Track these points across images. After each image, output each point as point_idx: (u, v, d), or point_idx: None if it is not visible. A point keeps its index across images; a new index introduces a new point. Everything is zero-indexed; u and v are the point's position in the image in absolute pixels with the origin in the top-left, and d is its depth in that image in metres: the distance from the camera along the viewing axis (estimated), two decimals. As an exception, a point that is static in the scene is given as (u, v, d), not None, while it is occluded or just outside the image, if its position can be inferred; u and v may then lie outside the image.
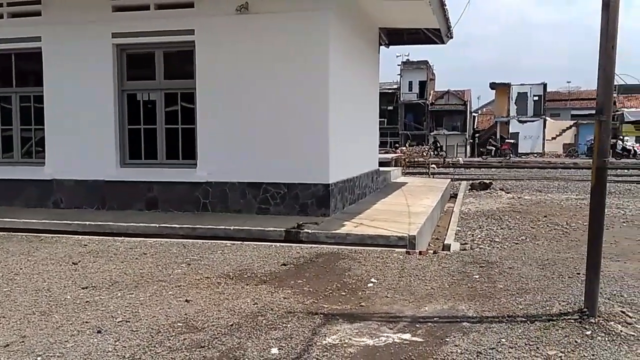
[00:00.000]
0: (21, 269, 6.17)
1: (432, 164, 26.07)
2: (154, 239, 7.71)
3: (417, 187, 14.47)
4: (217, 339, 4.08)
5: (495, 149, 43.34)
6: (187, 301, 4.95)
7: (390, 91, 57.45)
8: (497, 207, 12.46)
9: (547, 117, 53.74)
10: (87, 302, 4.95)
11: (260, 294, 5.16)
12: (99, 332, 4.21)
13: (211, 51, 9.41)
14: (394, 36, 14.53)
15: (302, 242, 7.59)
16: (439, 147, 43.15)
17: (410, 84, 59.04)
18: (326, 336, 4.11)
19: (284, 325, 4.34)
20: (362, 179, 11.56)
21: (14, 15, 10.23)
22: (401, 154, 26.35)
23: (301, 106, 9.09)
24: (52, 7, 9.97)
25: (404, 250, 7.00)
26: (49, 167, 10.21)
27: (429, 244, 8.64)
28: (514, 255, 6.94)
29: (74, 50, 9.93)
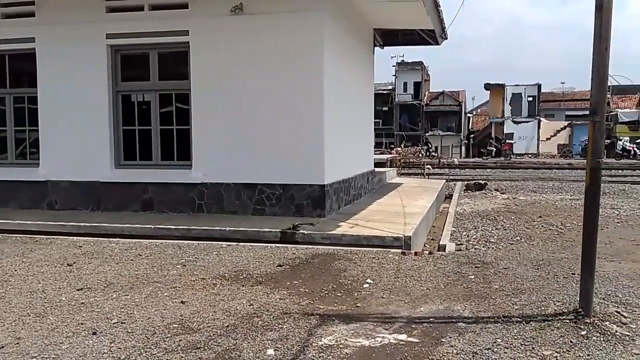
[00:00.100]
0: (16, 270, 6.15)
1: (427, 165, 26.11)
2: (149, 240, 7.69)
3: (412, 187, 14.49)
4: (212, 340, 4.07)
5: (496, 149, 43.44)
6: (182, 302, 4.94)
7: (385, 92, 57.54)
8: (492, 208, 12.50)
9: (541, 118, 53.98)
10: (82, 303, 4.93)
11: (256, 295, 5.16)
12: (94, 333, 4.20)
13: (206, 52, 9.40)
14: (388, 37, 14.55)
15: (297, 243, 7.59)
16: (430, 148, 43.25)
17: (405, 84, 59.19)
18: (322, 337, 4.11)
19: (280, 326, 4.34)
20: (358, 180, 11.56)
21: (8, 16, 10.18)
22: (396, 155, 26.42)
23: (296, 107, 9.09)
24: (46, 8, 9.94)
25: (400, 250, 7.00)
26: (44, 168, 10.18)
27: (424, 245, 8.65)
28: (509, 255, 6.95)
29: (68, 51, 9.90)
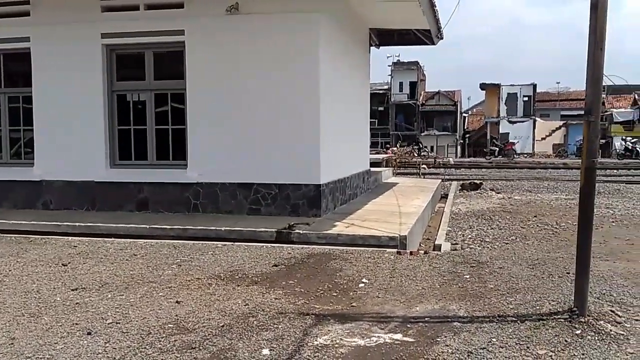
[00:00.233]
0: (10, 270, 6.12)
1: (422, 165, 26.14)
2: (145, 240, 7.67)
3: (408, 187, 14.50)
4: (208, 340, 4.07)
5: (499, 149, 43.44)
6: (177, 302, 4.93)
7: (381, 92, 57.61)
8: (487, 207, 12.51)
9: (536, 118, 54.11)
10: (77, 303, 4.92)
11: (251, 295, 5.15)
12: (89, 333, 4.18)
13: (201, 52, 9.39)
14: (384, 37, 14.55)
15: (293, 242, 7.59)
16: (422, 148, 43.30)
17: (401, 84, 59.25)
18: (317, 337, 4.11)
19: (275, 326, 4.33)
20: (353, 180, 11.57)
21: (2, 15, 10.12)
22: (392, 155, 26.42)
23: (292, 106, 9.09)
24: (41, 8, 9.91)
25: (395, 250, 7.01)
26: (38, 168, 10.14)
27: (420, 244, 8.66)
28: (504, 255, 6.96)
29: (63, 50, 9.87)
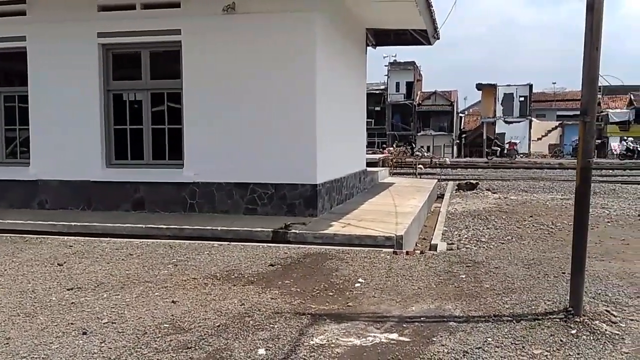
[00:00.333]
0: (5, 270, 6.10)
1: (419, 164, 26.17)
2: (141, 240, 7.66)
3: (404, 187, 14.52)
4: (203, 339, 4.06)
5: (500, 149, 43.47)
6: (173, 302, 4.93)
7: (377, 92, 57.63)
8: (483, 207, 12.54)
9: (532, 118, 54.29)
10: (72, 303, 4.91)
11: (247, 295, 5.15)
12: (85, 333, 4.17)
13: (198, 51, 9.37)
14: (381, 37, 14.56)
15: (289, 242, 7.58)
16: (415, 148, 43.37)
17: (397, 84, 59.31)
18: (313, 336, 4.11)
19: (271, 325, 4.33)
20: (350, 179, 11.57)
21: (-2, 14, 10.12)
22: (388, 155, 26.44)
23: (289, 106, 9.08)
24: (37, 7, 9.88)
25: (391, 250, 7.01)
26: (34, 168, 10.11)
27: (416, 244, 8.67)
28: (500, 255, 6.98)
29: (59, 50, 9.83)
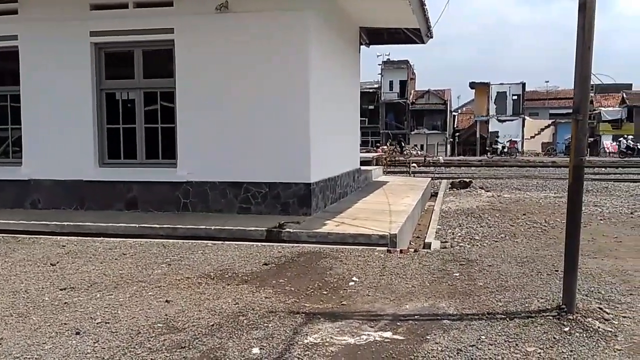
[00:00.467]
0: (-2, 270, 6.07)
1: (412, 163, 26.22)
2: (134, 240, 7.63)
3: (398, 186, 14.54)
4: (197, 339, 4.06)
5: (502, 147, 43.46)
6: (167, 302, 4.91)
7: (371, 91, 57.69)
8: (477, 206, 12.57)
9: (525, 116, 54.48)
10: (65, 303, 4.89)
11: (241, 294, 5.15)
12: (78, 333, 4.16)
13: (191, 50, 9.34)
14: (374, 36, 14.57)
15: (283, 241, 7.57)
16: (404, 147, 43.42)
17: (391, 83, 59.40)
18: (308, 335, 4.11)
19: (265, 324, 4.33)
20: (344, 178, 11.58)
21: (-10, 13, 10.05)
22: (382, 153, 26.48)
23: (282, 105, 9.07)
24: (28, 5, 9.82)
25: (385, 248, 7.02)
26: (26, 167, 10.05)
27: (410, 243, 8.68)
28: (493, 253, 7.00)
29: (51, 48, 9.79)
